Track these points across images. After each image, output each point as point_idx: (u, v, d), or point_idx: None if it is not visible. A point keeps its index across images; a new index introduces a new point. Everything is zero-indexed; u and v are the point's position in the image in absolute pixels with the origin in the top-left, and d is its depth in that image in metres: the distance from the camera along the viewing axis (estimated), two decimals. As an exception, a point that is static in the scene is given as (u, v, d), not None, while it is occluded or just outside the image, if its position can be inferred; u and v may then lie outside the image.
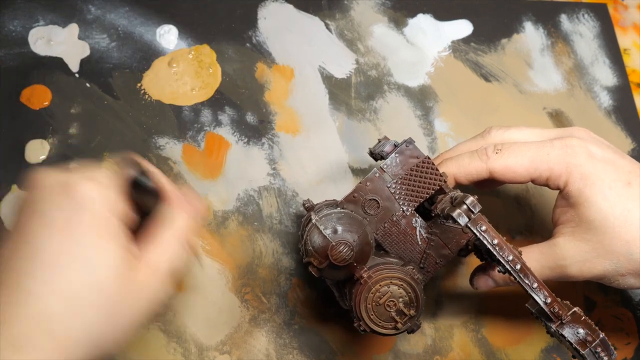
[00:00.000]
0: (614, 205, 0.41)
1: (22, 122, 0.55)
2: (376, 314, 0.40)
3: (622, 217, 0.41)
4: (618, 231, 0.41)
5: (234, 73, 0.59)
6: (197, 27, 0.61)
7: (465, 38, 0.65)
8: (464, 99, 0.62)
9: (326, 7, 0.64)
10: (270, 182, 0.55)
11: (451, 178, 0.45)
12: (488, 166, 0.44)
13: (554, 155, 0.42)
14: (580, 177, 0.42)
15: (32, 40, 0.58)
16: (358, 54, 0.62)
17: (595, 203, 0.41)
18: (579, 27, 0.67)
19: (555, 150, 0.43)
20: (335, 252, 0.40)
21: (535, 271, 0.42)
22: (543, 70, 0.64)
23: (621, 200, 0.41)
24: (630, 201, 0.41)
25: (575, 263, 0.42)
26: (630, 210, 0.41)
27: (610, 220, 0.41)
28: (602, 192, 0.41)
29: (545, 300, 0.38)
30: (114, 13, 0.60)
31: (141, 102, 0.57)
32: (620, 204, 0.41)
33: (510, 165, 0.43)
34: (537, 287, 0.38)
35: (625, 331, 0.54)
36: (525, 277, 0.38)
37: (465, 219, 0.37)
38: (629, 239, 0.41)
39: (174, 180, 0.54)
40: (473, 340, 0.52)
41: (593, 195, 0.41)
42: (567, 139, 0.43)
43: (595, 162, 0.42)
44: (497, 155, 0.44)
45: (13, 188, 0.53)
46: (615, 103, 0.64)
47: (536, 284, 0.38)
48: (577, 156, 0.42)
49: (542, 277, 0.43)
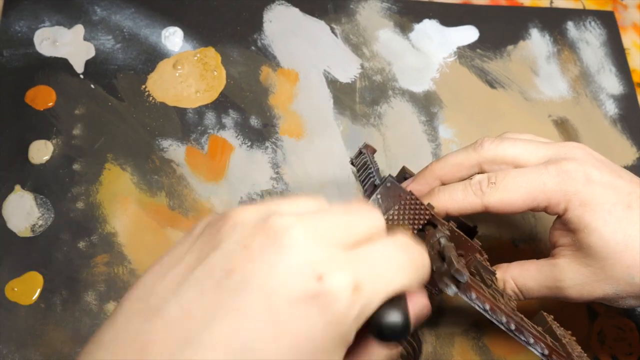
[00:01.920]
0: (614, 231, 0.40)
1: (26, 123, 0.55)
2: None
3: (623, 243, 0.40)
4: (619, 257, 0.40)
5: (238, 76, 0.59)
6: (202, 30, 0.61)
7: (471, 44, 0.65)
8: (469, 105, 0.61)
9: (332, 11, 0.64)
10: (274, 186, 0.55)
11: (443, 211, 0.43)
12: (483, 202, 0.42)
13: (550, 184, 0.41)
14: (579, 204, 0.41)
15: (38, 41, 0.58)
16: (363, 59, 0.62)
17: (596, 229, 0.40)
18: (586, 34, 0.67)
19: (551, 178, 0.41)
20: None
21: (532, 288, 0.42)
22: (549, 77, 0.64)
23: (622, 226, 0.40)
24: (630, 225, 0.40)
25: (574, 286, 0.42)
26: (630, 236, 0.40)
27: (611, 245, 0.40)
28: (603, 217, 0.40)
29: (542, 352, 0.38)
30: (119, 14, 0.60)
31: (145, 103, 0.57)
32: (621, 229, 0.40)
33: (506, 199, 0.42)
34: (534, 342, 0.38)
35: (628, 342, 0.54)
36: (520, 334, 0.38)
37: (453, 289, 0.36)
38: (630, 264, 0.40)
39: (177, 182, 0.54)
40: (474, 348, 0.52)
41: (593, 222, 0.40)
42: (563, 162, 0.41)
43: (594, 187, 0.41)
44: (492, 189, 0.42)
45: (16, 188, 0.53)
46: (621, 112, 0.63)
47: (532, 339, 0.38)
48: (574, 182, 0.41)
49: (539, 295, 0.43)
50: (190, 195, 0.54)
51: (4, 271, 0.50)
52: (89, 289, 0.50)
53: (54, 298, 0.49)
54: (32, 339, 0.48)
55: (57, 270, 0.50)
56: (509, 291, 0.44)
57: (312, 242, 0.25)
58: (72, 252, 0.51)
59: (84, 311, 0.49)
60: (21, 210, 0.52)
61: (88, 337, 0.48)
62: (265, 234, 0.25)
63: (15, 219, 0.52)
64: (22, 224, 0.52)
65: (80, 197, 0.53)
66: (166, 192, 0.54)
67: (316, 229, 0.26)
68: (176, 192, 0.54)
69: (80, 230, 0.52)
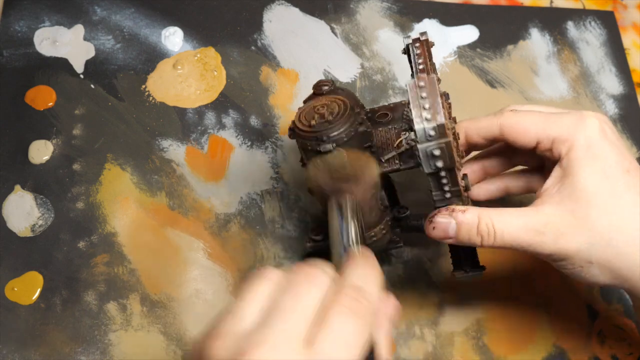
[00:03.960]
0: (610, 185, 0.40)
1: (26, 123, 0.55)
2: (305, 116, 0.41)
3: (613, 200, 0.40)
4: (606, 211, 0.40)
5: (238, 76, 0.59)
6: (202, 30, 0.61)
7: (471, 44, 0.65)
8: (469, 104, 0.61)
9: (332, 11, 0.64)
10: (273, 186, 0.55)
11: (463, 133, 0.45)
12: (500, 121, 0.43)
13: (566, 120, 0.42)
14: (586, 147, 0.41)
15: (38, 41, 0.58)
16: (363, 58, 0.62)
17: (593, 175, 0.40)
18: (586, 34, 0.67)
19: (569, 117, 0.42)
20: (318, 83, 0.41)
21: (509, 233, 0.41)
22: (549, 77, 0.64)
23: (617, 184, 0.41)
24: (624, 187, 0.41)
25: (552, 232, 0.40)
26: (622, 197, 0.40)
27: (602, 197, 0.40)
28: (603, 168, 0.41)
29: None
30: (119, 14, 0.60)
31: (145, 103, 0.57)
32: (616, 186, 0.40)
33: (521, 121, 0.43)
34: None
35: (628, 342, 0.54)
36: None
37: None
38: (614, 222, 0.40)
39: (177, 182, 0.54)
40: (474, 347, 0.52)
41: (593, 167, 0.41)
42: (585, 112, 0.43)
43: (604, 140, 0.41)
44: (512, 113, 0.44)
45: (16, 188, 0.53)
46: (621, 111, 0.63)
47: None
48: (588, 128, 0.42)
49: (513, 242, 0.41)
50: (191, 195, 0.54)
51: (4, 271, 0.50)
52: (89, 289, 0.50)
53: (54, 298, 0.49)
54: (32, 338, 0.48)
55: (57, 270, 0.50)
56: (483, 227, 0.41)
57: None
58: (72, 252, 0.51)
59: (84, 311, 0.49)
60: (21, 210, 0.52)
61: (88, 336, 0.48)
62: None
63: (15, 219, 0.52)
64: (22, 224, 0.52)
65: (80, 197, 0.53)
66: (166, 192, 0.54)
67: (278, 348, 0.28)
68: (176, 192, 0.54)
69: (80, 230, 0.52)
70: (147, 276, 0.51)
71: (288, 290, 0.31)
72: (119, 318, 0.49)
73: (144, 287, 0.51)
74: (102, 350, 0.48)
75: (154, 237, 0.52)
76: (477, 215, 0.41)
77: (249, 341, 0.29)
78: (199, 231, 0.53)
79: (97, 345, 0.48)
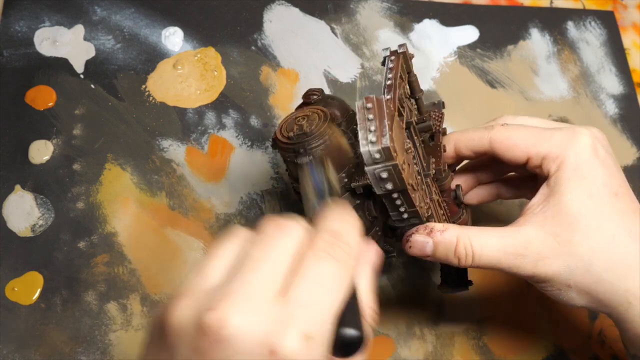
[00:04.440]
0: (595, 208, 0.39)
1: (27, 123, 0.55)
2: (286, 127, 0.40)
3: (597, 224, 0.39)
4: (588, 235, 0.39)
5: (238, 76, 0.59)
6: (202, 30, 0.61)
7: (471, 44, 0.65)
8: (469, 105, 0.61)
9: (332, 11, 0.64)
10: (273, 186, 0.55)
11: (452, 145, 0.44)
12: (490, 135, 0.42)
13: (558, 137, 0.41)
14: (574, 166, 0.40)
15: (38, 41, 0.58)
16: (363, 59, 0.62)
17: (578, 197, 0.39)
18: (586, 34, 0.67)
19: (561, 134, 0.41)
20: (308, 92, 0.41)
21: (487, 255, 0.40)
22: (549, 77, 0.64)
23: (603, 207, 0.39)
24: (609, 211, 0.40)
25: (532, 255, 0.40)
26: (606, 221, 0.39)
27: (586, 220, 0.39)
28: (590, 190, 0.40)
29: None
30: (119, 14, 0.60)
31: (145, 103, 0.57)
32: (601, 210, 0.39)
33: (512, 137, 0.42)
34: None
35: (628, 341, 0.54)
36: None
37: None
38: (595, 247, 0.39)
39: (177, 182, 0.54)
40: (474, 347, 0.52)
41: (579, 188, 0.40)
42: (578, 128, 0.42)
43: (595, 159, 0.40)
44: (503, 128, 0.43)
45: (16, 188, 0.53)
46: (621, 111, 0.63)
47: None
48: (579, 145, 0.40)
49: (491, 263, 0.40)
50: (191, 195, 0.54)
51: (4, 271, 0.50)
52: (89, 289, 0.50)
53: (54, 298, 0.49)
54: (32, 338, 0.48)
55: (57, 270, 0.50)
56: (461, 248, 0.40)
57: (250, 319, 0.26)
58: (72, 252, 0.51)
59: (84, 311, 0.49)
60: (21, 210, 0.52)
61: (88, 336, 0.48)
62: (207, 337, 0.26)
63: (16, 219, 0.52)
64: (22, 224, 0.52)
65: (80, 197, 0.53)
66: (166, 192, 0.54)
67: (247, 299, 0.27)
68: (176, 192, 0.54)
69: (81, 230, 0.52)
70: (147, 276, 0.51)
71: (258, 242, 0.29)
72: (119, 318, 0.49)
73: (144, 287, 0.50)
74: (103, 350, 0.48)
75: (154, 237, 0.52)
76: (455, 235, 0.40)
77: (216, 296, 0.27)
78: (199, 231, 0.53)
79: (98, 345, 0.48)
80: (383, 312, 0.52)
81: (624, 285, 0.39)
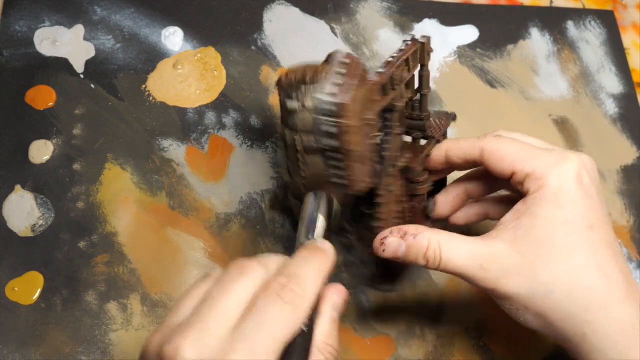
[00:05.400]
0: (566, 237, 0.39)
1: (27, 123, 0.55)
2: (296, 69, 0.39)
3: (566, 252, 0.39)
4: (554, 263, 0.39)
5: (239, 76, 0.59)
6: (202, 30, 0.61)
7: (471, 44, 0.65)
8: (469, 105, 0.61)
9: (332, 11, 0.64)
10: (274, 186, 0.55)
11: (444, 152, 0.44)
12: (482, 144, 0.43)
13: (546, 158, 0.41)
14: (555, 190, 0.40)
15: (38, 41, 0.58)
16: (363, 59, 0.62)
17: (552, 222, 0.39)
18: (586, 34, 0.67)
19: (550, 155, 0.41)
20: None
21: (454, 261, 0.40)
22: (549, 77, 0.64)
23: (575, 238, 0.39)
24: (581, 243, 0.39)
25: (496, 271, 0.40)
26: (575, 252, 0.39)
27: (555, 248, 0.39)
28: (566, 218, 0.39)
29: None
30: (119, 14, 0.60)
31: (145, 103, 0.57)
32: (573, 240, 0.39)
33: (502, 149, 0.42)
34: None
35: (629, 341, 0.54)
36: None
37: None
38: (559, 275, 0.39)
39: (177, 182, 0.54)
40: (475, 347, 0.52)
41: (555, 215, 0.39)
42: (569, 152, 0.41)
43: (578, 188, 0.40)
44: (495, 138, 0.43)
45: (17, 188, 0.53)
46: (621, 111, 0.63)
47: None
48: (565, 171, 0.40)
49: (456, 270, 0.40)
50: (191, 195, 0.54)
51: (4, 271, 0.50)
52: (90, 289, 0.50)
53: (55, 298, 0.49)
54: (32, 339, 0.48)
55: (57, 270, 0.50)
56: (430, 252, 0.40)
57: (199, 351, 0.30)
58: (72, 252, 0.51)
59: (84, 311, 0.49)
60: (21, 210, 0.52)
61: (88, 336, 0.48)
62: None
63: (16, 219, 0.52)
64: (23, 224, 0.52)
65: (80, 197, 0.53)
66: (166, 192, 0.54)
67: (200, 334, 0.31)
68: (176, 192, 0.54)
69: (81, 230, 0.52)
70: (147, 276, 0.51)
71: (219, 282, 0.33)
72: (119, 318, 0.49)
73: (145, 287, 0.50)
74: (103, 350, 0.48)
75: (154, 237, 0.52)
76: (427, 239, 0.41)
77: (176, 330, 0.31)
78: (199, 231, 0.53)
79: (98, 345, 0.48)
80: (383, 311, 0.52)
81: (582, 317, 0.39)
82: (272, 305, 0.32)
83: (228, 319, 0.31)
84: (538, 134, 0.48)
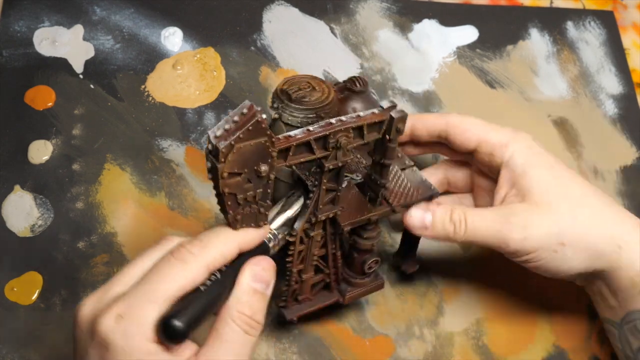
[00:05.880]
0: (558, 176, 0.45)
1: (26, 123, 0.55)
2: (294, 80, 0.44)
3: (565, 187, 0.45)
4: (563, 195, 0.44)
5: (238, 76, 0.59)
6: (202, 30, 0.61)
7: (470, 44, 0.65)
8: (468, 105, 0.61)
9: (331, 11, 0.64)
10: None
11: (410, 125, 0.47)
12: (447, 118, 0.48)
13: (504, 131, 0.47)
14: (527, 149, 0.46)
15: (37, 41, 0.58)
16: (363, 59, 0.62)
17: (542, 170, 0.45)
18: (585, 34, 0.67)
19: (505, 129, 0.47)
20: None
21: (479, 228, 0.44)
22: (548, 77, 0.64)
23: (564, 174, 0.46)
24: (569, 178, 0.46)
25: (520, 221, 0.44)
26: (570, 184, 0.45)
27: (556, 186, 0.45)
28: (549, 163, 0.46)
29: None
30: (119, 15, 0.60)
31: (145, 104, 0.57)
32: (562, 176, 0.45)
33: (465, 122, 0.47)
34: None
35: (628, 341, 0.54)
36: None
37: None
38: (573, 204, 0.44)
39: (177, 182, 0.54)
40: (474, 347, 0.52)
41: (540, 164, 0.45)
42: (518, 130, 0.48)
43: (539, 146, 0.47)
44: (457, 114, 0.48)
45: (16, 188, 0.53)
46: (621, 111, 0.63)
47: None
48: (524, 137, 0.47)
49: (481, 238, 0.44)
50: (190, 195, 0.54)
51: (3, 271, 0.50)
52: (89, 289, 0.50)
53: (54, 298, 0.49)
54: (31, 338, 0.48)
55: (56, 270, 0.50)
56: (456, 216, 0.44)
57: (95, 309, 0.33)
58: (71, 252, 0.51)
59: (83, 311, 0.49)
60: (21, 210, 0.52)
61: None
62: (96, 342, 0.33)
63: (15, 219, 0.52)
64: (22, 224, 0.52)
65: (79, 197, 0.53)
66: (166, 192, 0.54)
67: (100, 298, 0.34)
68: (176, 192, 0.54)
69: (80, 230, 0.52)
70: (146, 276, 0.51)
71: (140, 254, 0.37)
72: (118, 318, 0.49)
73: (144, 287, 0.50)
74: (102, 350, 0.48)
75: (153, 237, 0.52)
76: (450, 207, 0.45)
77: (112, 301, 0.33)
78: (198, 231, 0.52)
79: (97, 345, 0.48)
80: (382, 312, 0.52)
81: (609, 232, 0.44)
82: (163, 262, 0.34)
83: (128, 280, 0.34)
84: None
